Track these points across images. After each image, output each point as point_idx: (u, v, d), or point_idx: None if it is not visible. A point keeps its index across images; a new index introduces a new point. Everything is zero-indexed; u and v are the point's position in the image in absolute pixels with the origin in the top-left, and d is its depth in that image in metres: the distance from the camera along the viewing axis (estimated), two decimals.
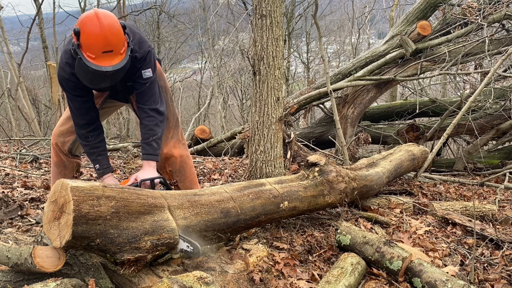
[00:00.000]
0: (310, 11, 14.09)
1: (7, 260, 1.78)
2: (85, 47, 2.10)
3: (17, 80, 8.72)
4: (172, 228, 1.89)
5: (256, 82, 3.09)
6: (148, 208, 1.85)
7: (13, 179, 4.01)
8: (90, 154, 2.50)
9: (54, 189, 1.70)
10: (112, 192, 1.75)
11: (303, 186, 2.73)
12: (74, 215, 1.58)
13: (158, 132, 2.49)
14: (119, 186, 1.87)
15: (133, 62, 2.34)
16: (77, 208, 1.59)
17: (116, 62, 2.14)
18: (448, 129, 4.51)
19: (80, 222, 1.60)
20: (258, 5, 2.97)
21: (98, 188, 1.72)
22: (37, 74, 18.31)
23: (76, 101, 2.41)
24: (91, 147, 2.48)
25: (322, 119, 6.94)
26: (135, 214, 1.79)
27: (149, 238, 1.80)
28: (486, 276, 2.45)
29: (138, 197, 1.84)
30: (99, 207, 1.67)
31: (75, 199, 1.60)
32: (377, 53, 6.18)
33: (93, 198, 1.66)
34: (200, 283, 1.65)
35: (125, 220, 1.75)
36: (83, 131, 2.47)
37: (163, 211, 1.91)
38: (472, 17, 5.74)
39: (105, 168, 2.48)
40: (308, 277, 2.24)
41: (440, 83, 10.51)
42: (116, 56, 2.14)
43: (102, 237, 1.67)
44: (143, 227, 1.80)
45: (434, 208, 3.36)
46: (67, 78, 2.33)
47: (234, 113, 17.93)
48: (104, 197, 1.70)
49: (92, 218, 1.64)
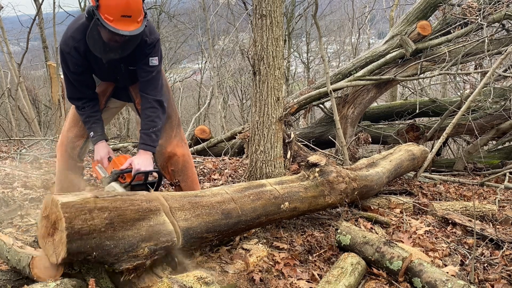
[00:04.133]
0: (310, 11, 14.08)
1: (7, 260, 1.78)
2: (104, 9, 2.08)
3: (17, 80, 8.72)
4: (169, 231, 1.87)
5: (256, 82, 3.09)
6: (143, 214, 1.81)
7: (13, 179, 4.01)
8: (85, 122, 2.53)
9: (45, 204, 1.66)
10: (104, 203, 1.70)
11: (304, 186, 2.73)
12: (67, 233, 1.54)
13: (159, 124, 2.47)
14: (112, 194, 1.82)
15: (143, 46, 2.34)
16: (69, 225, 1.55)
17: (132, 28, 2.13)
18: (447, 128, 4.51)
19: (74, 239, 1.57)
20: (258, 5, 2.97)
21: (89, 200, 1.66)
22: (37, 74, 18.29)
23: (73, 75, 2.41)
24: (87, 116, 2.50)
25: (322, 119, 6.94)
26: (130, 221, 1.75)
27: (146, 244, 1.77)
28: (486, 276, 2.45)
29: (132, 204, 1.80)
30: (93, 220, 1.62)
31: (67, 216, 1.55)
32: (377, 53, 6.18)
33: (85, 212, 1.61)
34: (200, 283, 1.65)
35: (120, 230, 1.71)
36: (79, 103, 2.49)
37: (159, 214, 1.88)
38: (472, 17, 5.74)
39: (99, 135, 2.49)
40: (308, 277, 2.24)
41: (440, 83, 10.51)
42: (133, 22, 2.14)
43: (99, 250, 1.64)
44: (139, 234, 1.76)
45: (434, 208, 3.36)
46: (67, 52, 2.31)
47: (234, 113, 17.92)
48: (97, 209, 1.66)
49: (86, 232, 1.60)
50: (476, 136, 5.99)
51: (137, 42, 2.25)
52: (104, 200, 1.72)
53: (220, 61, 15.06)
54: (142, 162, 2.33)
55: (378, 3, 14.91)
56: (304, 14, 14.95)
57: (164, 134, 2.66)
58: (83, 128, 2.63)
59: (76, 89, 2.48)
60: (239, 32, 14.66)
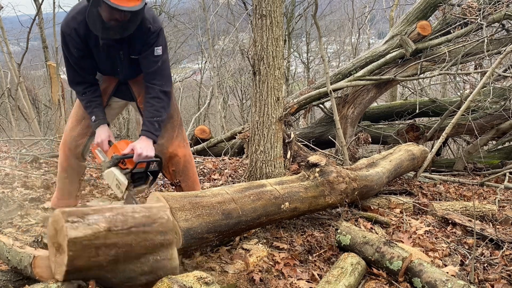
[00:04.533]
0: (310, 11, 14.06)
1: (7, 260, 1.78)
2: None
3: (17, 80, 8.72)
4: (174, 266, 1.76)
5: (256, 82, 3.09)
6: (153, 249, 1.70)
7: (13, 179, 4.01)
8: (87, 107, 2.52)
9: (55, 220, 1.56)
10: (115, 238, 1.58)
11: (304, 187, 2.73)
12: (67, 269, 1.50)
13: (163, 115, 2.45)
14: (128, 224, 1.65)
15: (146, 34, 2.34)
16: (71, 263, 1.49)
17: (132, 4, 2.14)
18: (447, 128, 4.51)
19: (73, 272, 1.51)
20: (258, 5, 2.98)
21: (100, 235, 1.55)
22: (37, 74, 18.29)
23: (73, 59, 2.41)
24: (88, 100, 2.51)
25: (322, 119, 6.94)
26: (137, 256, 1.66)
27: (145, 277, 1.69)
28: (486, 276, 2.45)
29: (145, 239, 1.67)
30: (97, 257, 1.54)
31: (71, 254, 1.48)
32: (377, 53, 6.18)
33: (91, 250, 1.53)
34: (200, 283, 1.65)
35: (123, 263, 1.63)
36: (80, 87, 2.50)
37: (170, 247, 1.76)
38: (472, 17, 5.74)
39: (100, 119, 2.49)
40: (308, 277, 2.24)
41: (440, 83, 10.51)
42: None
43: (96, 278, 1.59)
44: (142, 268, 1.67)
45: (434, 208, 3.36)
46: (68, 33, 2.32)
47: (234, 113, 17.91)
48: (105, 246, 1.56)
49: (87, 268, 1.54)
50: (476, 136, 5.99)
51: (137, 22, 2.25)
52: (117, 234, 1.59)
53: (220, 61, 15.05)
54: (144, 147, 2.30)
55: (378, 3, 14.91)
56: (304, 14, 14.94)
57: (166, 134, 2.65)
58: (86, 127, 2.62)
59: (77, 73, 2.48)
60: (239, 32, 14.66)
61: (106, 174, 2.35)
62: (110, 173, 2.31)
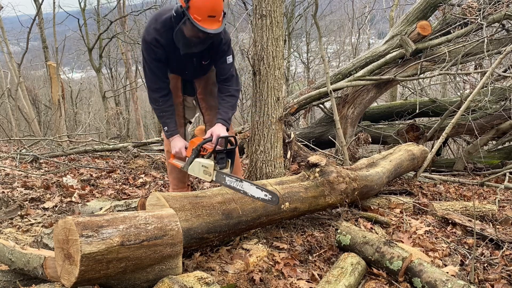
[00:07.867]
0: (310, 11, 14.08)
1: (10, 262, 1.77)
2: (193, 10, 2.39)
3: (17, 80, 8.72)
4: (177, 274, 1.79)
5: (256, 82, 3.09)
6: (161, 260, 1.74)
7: (13, 179, 4.01)
8: (160, 117, 2.82)
9: (68, 228, 1.55)
10: (127, 252, 1.60)
11: (304, 187, 2.73)
12: (76, 281, 1.51)
13: (235, 110, 2.82)
14: (140, 238, 1.67)
15: (220, 44, 2.67)
16: (81, 276, 1.51)
17: (216, 27, 2.45)
18: (447, 128, 4.51)
19: (81, 282, 1.55)
20: (258, 5, 2.98)
21: (113, 250, 1.56)
22: (37, 74, 18.30)
23: (152, 65, 2.67)
24: (161, 110, 2.77)
25: (322, 119, 6.94)
26: (144, 267, 1.70)
27: (148, 284, 1.73)
28: (486, 276, 2.45)
29: (155, 251, 1.70)
30: (107, 270, 1.57)
31: (82, 269, 1.50)
32: (377, 53, 6.18)
33: (102, 264, 1.54)
34: (200, 283, 1.65)
35: (130, 273, 1.67)
36: (156, 95, 2.74)
37: (177, 258, 1.80)
38: (472, 17, 5.74)
39: (172, 131, 2.78)
40: (308, 277, 2.24)
41: (440, 83, 10.52)
42: (216, 21, 2.44)
43: (101, 285, 1.62)
44: (146, 277, 1.72)
45: (434, 208, 3.36)
46: (149, 41, 2.59)
47: None
48: (116, 260, 1.58)
49: (95, 278, 1.57)
50: (476, 136, 5.99)
51: (215, 38, 2.58)
52: (129, 248, 1.61)
53: None
54: (221, 130, 2.61)
55: (378, 3, 14.92)
56: (304, 14, 14.96)
57: None
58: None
59: (157, 77, 2.71)
60: (239, 32, 14.65)
61: (191, 168, 2.53)
62: (196, 164, 2.48)
